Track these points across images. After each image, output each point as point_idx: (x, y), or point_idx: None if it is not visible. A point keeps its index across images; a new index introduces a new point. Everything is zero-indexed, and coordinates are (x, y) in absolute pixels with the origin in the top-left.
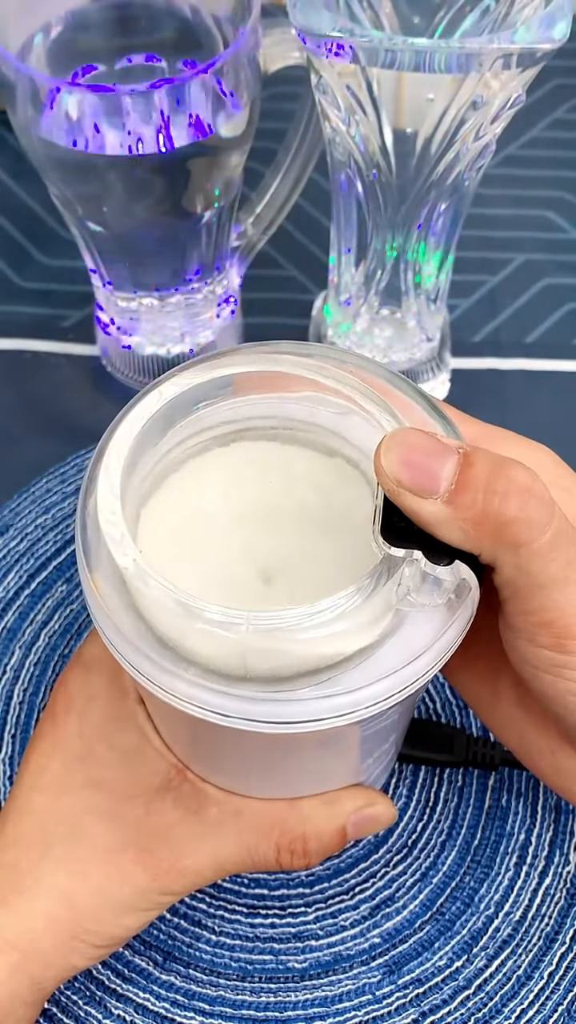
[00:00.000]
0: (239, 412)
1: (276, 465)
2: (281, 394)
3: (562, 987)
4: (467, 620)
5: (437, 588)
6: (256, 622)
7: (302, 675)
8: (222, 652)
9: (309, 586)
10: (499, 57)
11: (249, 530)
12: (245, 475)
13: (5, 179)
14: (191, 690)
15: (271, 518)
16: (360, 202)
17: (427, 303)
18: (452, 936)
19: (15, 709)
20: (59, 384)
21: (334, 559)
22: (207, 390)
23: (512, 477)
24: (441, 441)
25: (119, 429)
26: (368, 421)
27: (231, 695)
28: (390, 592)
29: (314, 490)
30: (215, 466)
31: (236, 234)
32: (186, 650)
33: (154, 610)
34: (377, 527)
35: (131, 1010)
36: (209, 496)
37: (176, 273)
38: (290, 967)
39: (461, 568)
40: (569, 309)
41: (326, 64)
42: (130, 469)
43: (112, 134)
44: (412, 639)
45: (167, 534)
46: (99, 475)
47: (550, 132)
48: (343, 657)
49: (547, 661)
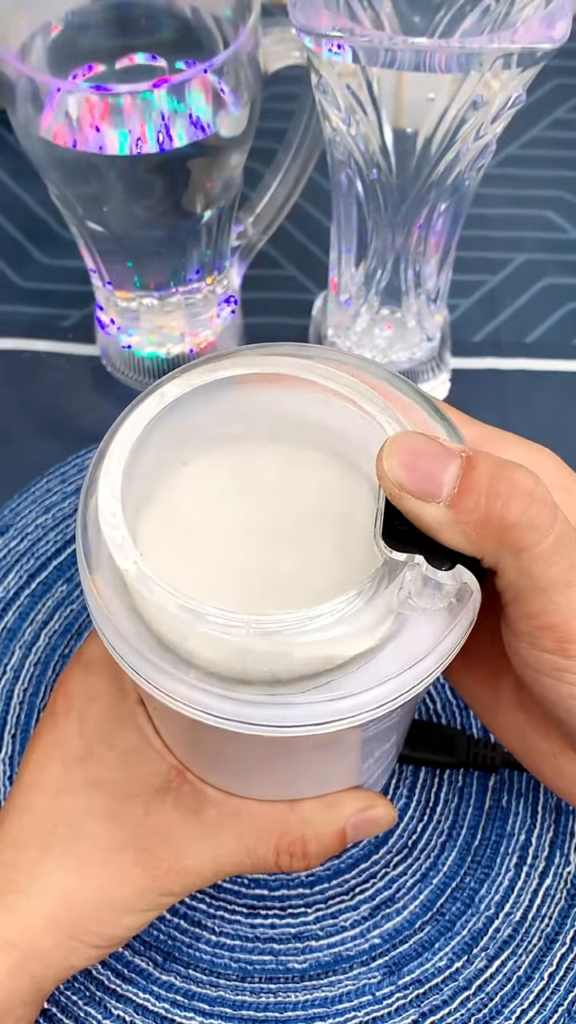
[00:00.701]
0: (240, 414)
1: (277, 467)
2: (282, 396)
3: (562, 988)
4: (468, 624)
5: (438, 592)
6: (256, 625)
7: (302, 679)
8: (222, 655)
9: (310, 589)
10: (499, 57)
11: (250, 533)
12: (246, 477)
13: (5, 179)
14: (191, 693)
15: (272, 521)
16: (360, 202)
17: (427, 303)
18: (452, 937)
19: (15, 709)
20: (59, 384)
21: (335, 562)
22: (208, 392)
23: (515, 480)
24: (443, 445)
25: (120, 431)
26: (370, 423)
27: (231, 699)
28: (391, 596)
29: (315, 493)
30: (216, 468)
31: (236, 234)
32: (187, 652)
33: (154, 613)
34: (379, 530)
35: (131, 1010)
36: (210, 498)
37: (176, 273)
38: (290, 967)
39: (462, 572)
40: (569, 309)
41: (326, 64)
42: (131, 471)
43: (112, 134)
44: (413, 643)
45: (168, 536)
46: (100, 477)
47: (550, 132)
48: (343, 661)
49: (548, 665)
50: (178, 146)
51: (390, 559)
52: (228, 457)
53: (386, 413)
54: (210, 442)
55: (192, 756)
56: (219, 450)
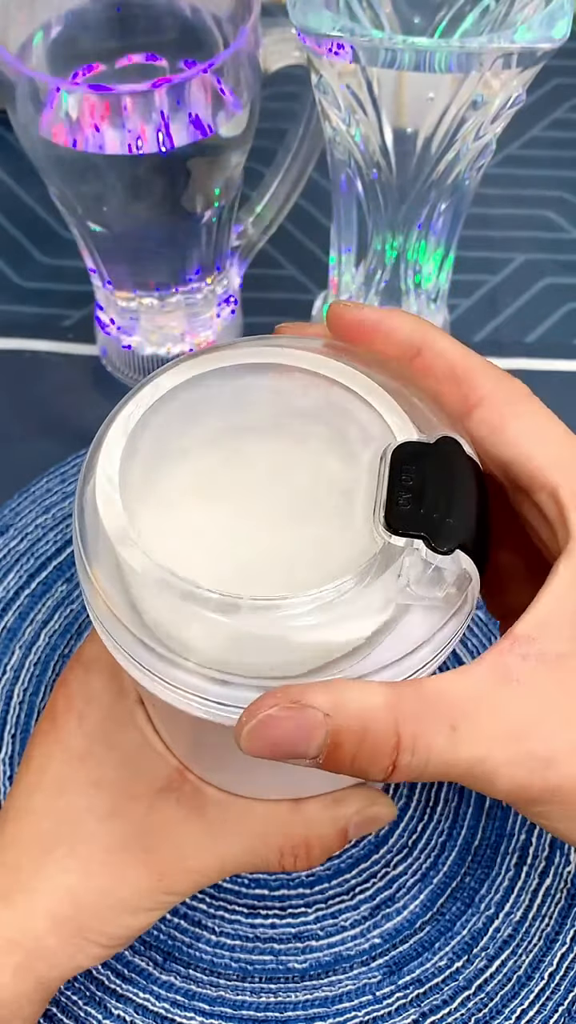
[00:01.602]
0: (239, 400)
1: (276, 452)
2: (280, 385)
3: (563, 987)
4: (468, 613)
5: (437, 579)
6: (253, 605)
7: (302, 674)
8: (218, 642)
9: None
10: (499, 57)
11: (248, 517)
12: (245, 462)
13: (5, 179)
14: (189, 678)
15: (270, 505)
16: (360, 202)
17: (427, 303)
18: (452, 936)
19: (15, 709)
20: (59, 384)
21: (334, 550)
22: (206, 382)
23: None
24: None
25: (118, 418)
26: (368, 409)
27: (229, 683)
28: (389, 582)
29: (313, 481)
30: (214, 457)
31: (236, 234)
32: (183, 644)
33: (151, 599)
34: (379, 515)
35: (131, 1010)
36: (208, 487)
37: (176, 273)
38: (290, 967)
39: (462, 558)
40: (569, 309)
41: (326, 64)
42: (129, 460)
43: (112, 134)
44: (410, 631)
45: (165, 524)
46: (98, 462)
47: (550, 132)
48: (341, 654)
49: None
50: (178, 146)
51: (388, 544)
52: (226, 446)
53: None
54: (208, 431)
55: (193, 755)
56: (217, 439)
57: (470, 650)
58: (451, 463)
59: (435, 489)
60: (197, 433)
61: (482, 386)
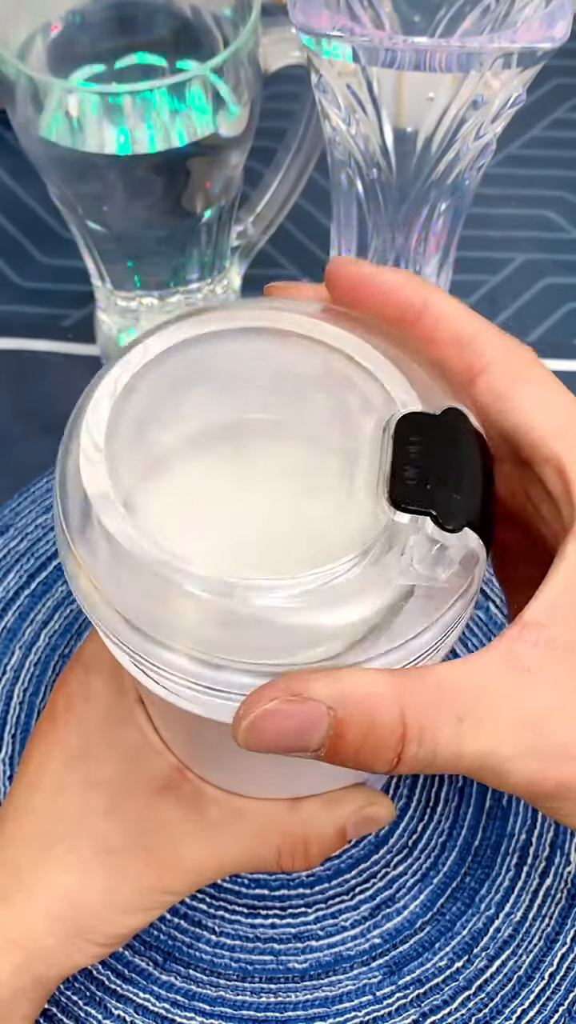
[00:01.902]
0: (232, 366)
1: (272, 422)
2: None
3: (563, 988)
4: (473, 595)
5: (443, 559)
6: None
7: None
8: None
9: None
10: (499, 56)
11: (243, 490)
12: (239, 433)
13: (5, 179)
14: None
15: (266, 478)
16: (360, 202)
17: None
18: (453, 937)
19: (15, 709)
20: (59, 384)
21: (335, 528)
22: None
23: None
24: None
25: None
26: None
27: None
28: (393, 562)
29: (312, 448)
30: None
31: (236, 234)
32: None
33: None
34: (384, 491)
35: (131, 1010)
36: (199, 454)
37: (176, 273)
38: (290, 967)
39: (470, 537)
40: (569, 309)
41: (326, 64)
42: (114, 424)
43: (112, 134)
44: (414, 613)
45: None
46: (81, 429)
47: (550, 132)
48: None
49: None
50: (178, 146)
51: (392, 522)
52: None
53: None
54: (200, 399)
55: (192, 754)
56: (210, 408)
57: (464, 642)
58: (457, 436)
59: (442, 464)
60: (189, 400)
61: (488, 352)
